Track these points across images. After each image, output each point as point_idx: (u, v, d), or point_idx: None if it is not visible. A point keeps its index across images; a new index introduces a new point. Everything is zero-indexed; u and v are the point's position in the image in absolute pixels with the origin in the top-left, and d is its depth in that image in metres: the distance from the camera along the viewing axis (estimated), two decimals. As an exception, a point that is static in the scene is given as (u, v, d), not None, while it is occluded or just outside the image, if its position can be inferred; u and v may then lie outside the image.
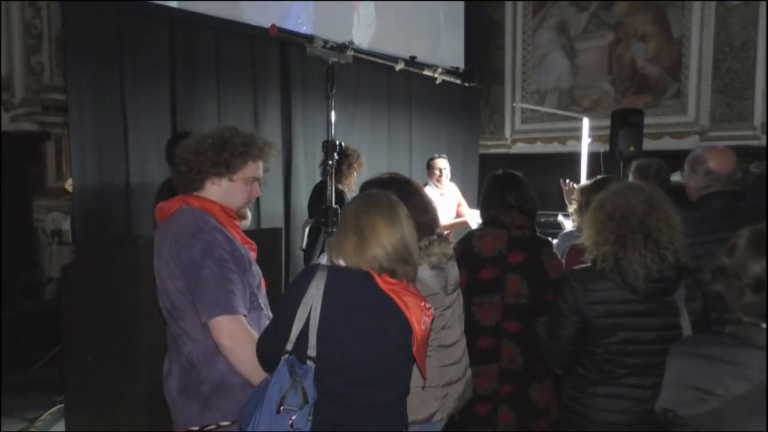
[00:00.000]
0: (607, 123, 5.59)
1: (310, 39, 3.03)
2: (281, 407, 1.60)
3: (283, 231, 4.14)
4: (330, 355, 1.65)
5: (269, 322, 1.84)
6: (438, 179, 4.92)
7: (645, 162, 3.45)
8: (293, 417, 1.60)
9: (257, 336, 1.82)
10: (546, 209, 4.27)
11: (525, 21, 7.49)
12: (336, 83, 3.07)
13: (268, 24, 3.14)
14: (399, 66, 4.57)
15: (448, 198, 4.97)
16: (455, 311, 2.19)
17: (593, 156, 5.63)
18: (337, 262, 1.71)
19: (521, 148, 7.62)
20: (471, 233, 2.79)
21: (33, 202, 5.40)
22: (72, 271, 3.11)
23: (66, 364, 2.98)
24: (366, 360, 1.67)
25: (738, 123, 6.26)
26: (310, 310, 1.64)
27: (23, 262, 5.24)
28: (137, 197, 3.93)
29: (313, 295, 1.65)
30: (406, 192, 2.11)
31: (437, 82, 5.22)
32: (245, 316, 1.87)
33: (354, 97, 5.55)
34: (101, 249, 3.50)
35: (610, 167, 5.47)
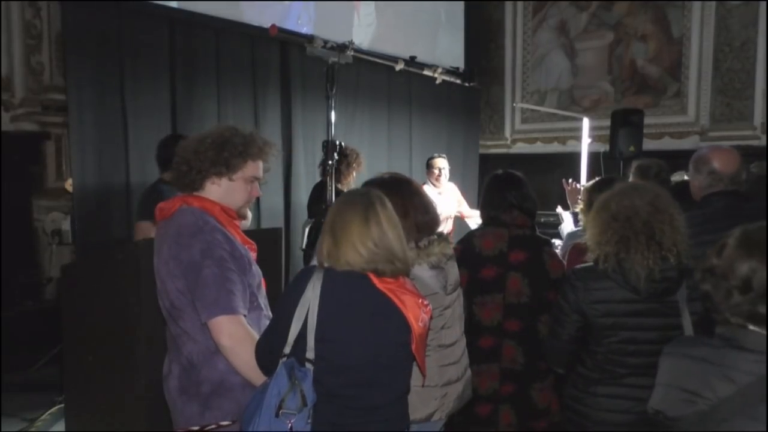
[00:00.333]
0: (607, 123, 5.60)
1: (310, 39, 3.03)
2: (280, 411, 1.59)
3: (283, 231, 4.14)
4: (329, 357, 1.64)
5: (267, 325, 1.83)
6: (437, 178, 4.97)
7: (645, 162, 3.45)
8: (292, 420, 1.59)
9: (257, 336, 1.82)
10: (546, 209, 4.27)
11: (525, 21, 7.49)
12: (336, 83, 3.07)
13: (268, 24, 3.14)
14: (399, 66, 4.58)
15: (446, 197, 5.00)
16: (455, 311, 2.18)
17: (593, 156, 5.64)
18: (323, 264, 1.70)
19: (521, 148, 7.62)
20: (471, 233, 2.79)
21: (33, 202, 5.39)
22: (72, 271, 3.10)
23: (66, 364, 2.97)
24: (365, 360, 1.66)
25: (738, 123, 6.26)
26: (307, 312, 1.64)
27: (23, 262, 5.24)
28: (137, 197, 3.92)
29: (310, 297, 1.64)
30: (406, 191, 2.11)
31: (437, 82, 5.23)
32: (245, 316, 1.87)
33: (354, 97, 5.55)
34: (101, 249, 3.50)
35: (610, 167, 5.47)
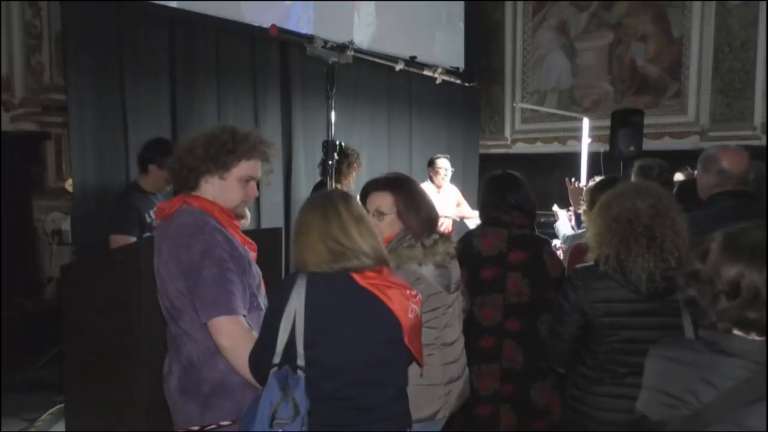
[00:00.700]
0: (607, 123, 5.60)
1: (310, 39, 3.03)
2: (273, 421, 1.58)
3: (283, 231, 4.14)
4: (321, 362, 1.63)
5: (257, 337, 1.81)
6: (441, 178, 5.05)
7: (647, 162, 3.44)
8: (286, 429, 1.58)
9: (257, 336, 1.82)
10: (546, 209, 4.26)
11: (525, 21, 7.49)
12: (336, 83, 3.07)
13: (268, 24, 3.14)
14: (399, 66, 4.58)
15: (444, 197, 5.05)
16: (455, 309, 2.19)
17: (593, 156, 5.63)
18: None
19: (521, 148, 7.63)
20: (471, 232, 2.79)
21: (33, 202, 5.38)
22: (72, 271, 3.10)
23: (66, 364, 2.97)
24: (357, 361, 1.65)
25: (738, 123, 6.26)
26: (294, 319, 1.62)
27: (23, 262, 5.23)
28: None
29: (295, 304, 1.63)
30: (407, 191, 2.12)
31: (437, 82, 5.24)
32: (245, 316, 1.86)
33: (354, 97, 5.55)
34: (101, 249, 3.49)
35: (610, 167, 5.47)
